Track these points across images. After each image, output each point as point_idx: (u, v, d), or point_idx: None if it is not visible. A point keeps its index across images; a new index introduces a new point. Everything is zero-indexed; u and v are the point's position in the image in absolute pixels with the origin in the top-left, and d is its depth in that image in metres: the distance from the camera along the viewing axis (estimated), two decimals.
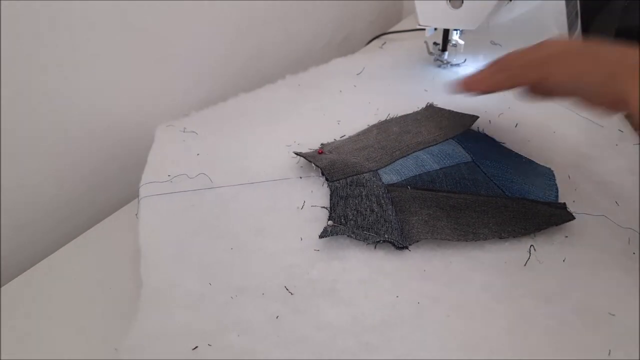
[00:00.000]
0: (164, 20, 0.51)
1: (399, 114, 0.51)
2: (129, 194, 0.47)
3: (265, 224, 0.37)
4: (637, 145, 0.46)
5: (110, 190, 0.51)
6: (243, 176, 0.42)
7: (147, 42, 0.50)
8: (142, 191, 0.41)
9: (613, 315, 0.29)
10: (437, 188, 0.39)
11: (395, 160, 0.42)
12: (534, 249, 0.34)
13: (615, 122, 0.50)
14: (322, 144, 0.45)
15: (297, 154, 0.43)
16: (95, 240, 0.44)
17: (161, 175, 0.42)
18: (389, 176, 0.40)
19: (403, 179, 0.40)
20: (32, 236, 0.45)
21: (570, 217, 0.36)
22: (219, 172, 0.42)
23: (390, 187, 0.39)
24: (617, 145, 0.46)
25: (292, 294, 0.32)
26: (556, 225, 0.35)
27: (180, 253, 0.36)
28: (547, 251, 0.34)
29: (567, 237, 0.35)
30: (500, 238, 0.35)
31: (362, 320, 0.30)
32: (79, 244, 0.44)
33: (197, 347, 0.29)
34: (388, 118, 0.49)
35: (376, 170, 0.41)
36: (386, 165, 0.42)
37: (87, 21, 0.44)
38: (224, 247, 0.36)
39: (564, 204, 0.37)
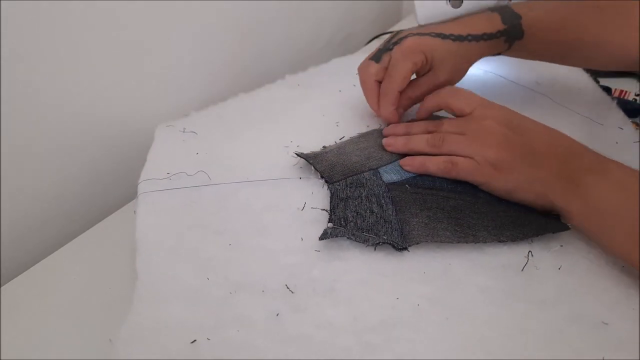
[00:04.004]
0: (165, 22, 0.51)
1: None
2: (129, 194, 0.47)
3: (265, 222, 0.37)
4: (637, 144, 0.46)
5: (111, 190, 0.51)
6: (242, 175, 0.42)
7: (147, 43, 0.50)
8: (141, 187, 0.41)
9: (606, 323, 0.29)
10: (437, 187, 0.39)
11: (396, 160, 0.42)
12: (532, 255, 0.34)
13: (615, 121, 0.50)
14: (323, 147, 0.45)
15: (298, 154, 0.43)
16: (96, 240, 0.44)
17: (160, 173, 0.42)
18: (389, 175, 0.40)
19: (403, 178, 0.40)
20: (32, 236, 0.45)
21: (564, 227, 0.36)
22: (218, 171, 0.42)
23: (391, 186, 0.39)
24: (617, 143, 0.46)
25: (292, 292, 0.32)
26: (553, 232, 0.35)
27: (177, 247, 0.36)
28: (543, 258, 0.34)
29: (562, 246, 0.35)
30: (499, 242, 0.35)
31: (362, 321, 0.30)
32: (79, 244, 0.44)
33: (195, 340, 0.29)
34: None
35: (376, 168, 0.41)
36: (387, 164, 0.42)
37: (88, 21, 0.44)
38: (223, 243, 0.36)
39: (559, 215, 0.37)
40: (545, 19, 0.47)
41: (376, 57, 0.47)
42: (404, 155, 0.42)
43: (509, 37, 0.46)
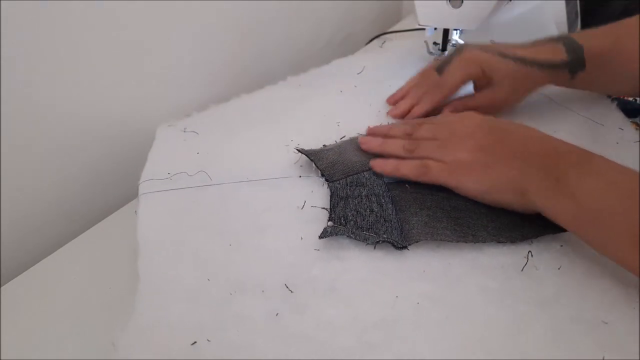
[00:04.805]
0: (165, 22, 0.51)
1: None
2: (129, 194, 0.47)
3: (265, 222, 0.37)
4: (637, 144, 0.46)
5: (111, 190, 0.51)
6: (243, 175, 0.42)
7: (147, 43, 0.50)
8: (142, 188, 0.41)
9: (606, 323, 0.29)
10: (437, 187, 0.39)
11: None
12: (531, 255, 0.34)
13: (616, 121, 0.50)
14: (324, 145, 0.46)
15: (299, 150, 0.43)
16: (96, 240, 0.44)
17: (161, 173, 0.42)
18: (389, 175, 0.41)
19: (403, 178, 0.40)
20: (32, 236, 0.45)
21: (564, 228, 0.36)
22: (218, 171, 0.42)
23: (391, 186, 0.39)
24: (617, 143, 0.46)
25: (292, 291, 0.32)
26: (552, 234, 0.35)
27: (179, 249, 0.36)
28: (543, 258, 0.34)
29: (562, 246, 0.35)
30: (498, 242, 0.35)
31: (362, 319, 0.30)
32: (79, 244, 0.44)
33: (195, 342, 0.29)
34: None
35: None
36: None
37: (88, 21, 0.44)
38: (223, 244, 0.36)
39: None
40: (604, 44, 0.46)
41: (439, 68, 0.49)
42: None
43: (571, 69, 0.47)
